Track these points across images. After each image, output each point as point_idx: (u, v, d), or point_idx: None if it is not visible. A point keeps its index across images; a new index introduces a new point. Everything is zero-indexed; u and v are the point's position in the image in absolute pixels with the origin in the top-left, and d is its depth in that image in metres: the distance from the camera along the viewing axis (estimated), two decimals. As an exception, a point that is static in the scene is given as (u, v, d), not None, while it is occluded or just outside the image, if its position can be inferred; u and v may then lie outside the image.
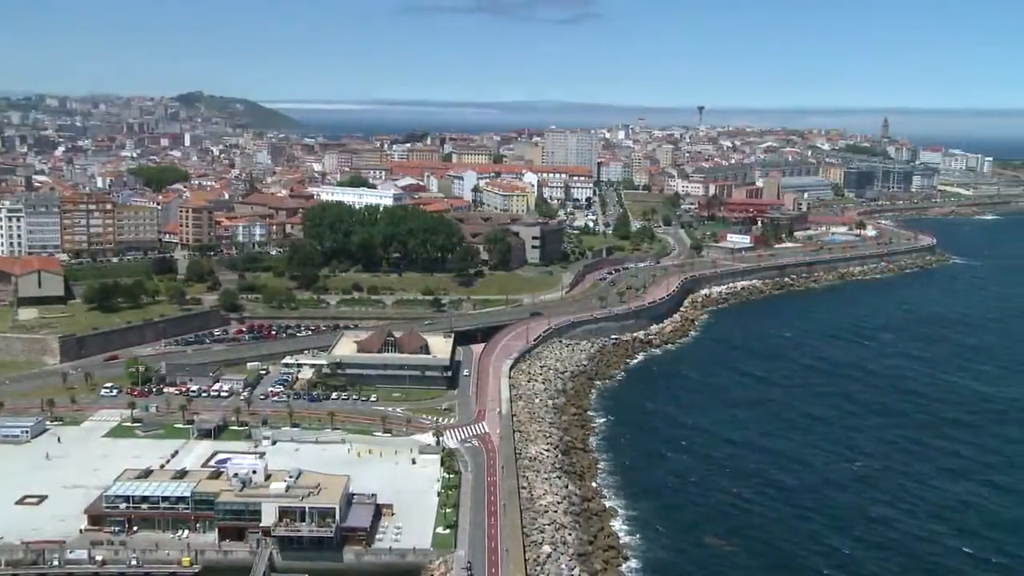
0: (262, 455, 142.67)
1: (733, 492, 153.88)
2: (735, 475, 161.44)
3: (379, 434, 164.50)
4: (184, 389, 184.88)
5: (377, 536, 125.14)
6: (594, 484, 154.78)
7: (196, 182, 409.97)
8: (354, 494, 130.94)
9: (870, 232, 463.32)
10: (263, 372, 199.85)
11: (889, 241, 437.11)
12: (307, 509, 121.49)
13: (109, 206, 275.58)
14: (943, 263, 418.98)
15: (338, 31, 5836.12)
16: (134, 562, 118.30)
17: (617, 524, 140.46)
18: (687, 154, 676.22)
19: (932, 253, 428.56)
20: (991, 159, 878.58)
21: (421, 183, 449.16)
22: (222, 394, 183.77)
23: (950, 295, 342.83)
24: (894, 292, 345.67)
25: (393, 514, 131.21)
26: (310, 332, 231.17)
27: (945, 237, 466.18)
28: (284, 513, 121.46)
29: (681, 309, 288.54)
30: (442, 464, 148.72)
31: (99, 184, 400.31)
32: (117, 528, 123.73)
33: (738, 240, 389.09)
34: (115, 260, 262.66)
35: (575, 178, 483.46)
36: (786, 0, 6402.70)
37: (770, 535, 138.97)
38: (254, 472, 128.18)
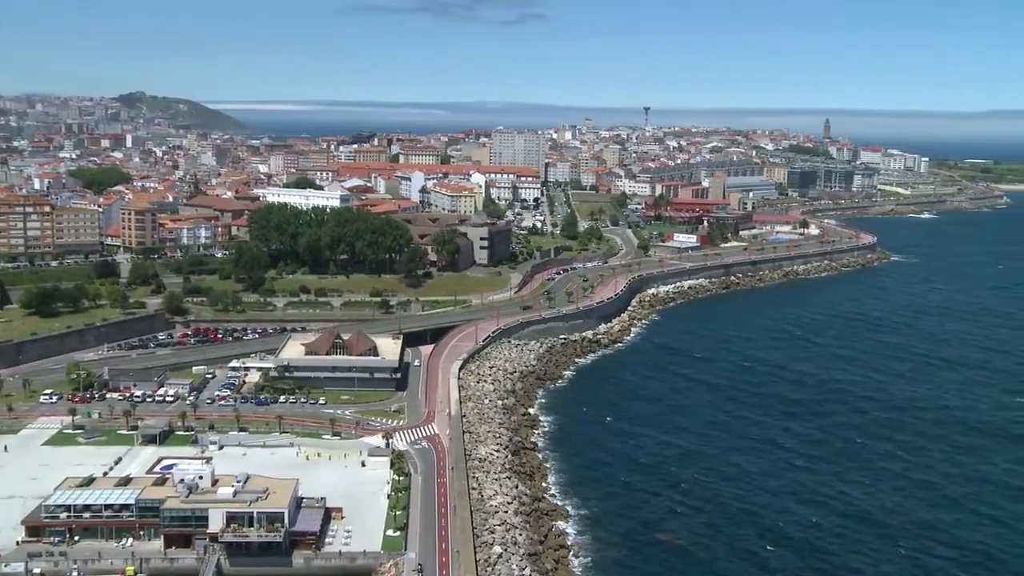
0: (209, 460, 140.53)
1: (679, 488, 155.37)
2: (680, 472, 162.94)
3: (328, 437, 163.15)
4: (128, 394, 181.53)
5: (327, 540, 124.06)
6: (544, 484, 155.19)
7: (139, 184, 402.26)
8: (303, 498, 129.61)
9: (813, 231, 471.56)
10: (209, 376, 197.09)
11: (832, 240, 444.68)
12: (255, 514, 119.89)
13: (47, 208, 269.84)
14: (884, 261, 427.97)
15: (280, 31, 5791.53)
16: (75, 573, 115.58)
17: (567, 523, 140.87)
18: (634, 154, 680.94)
19: (873, 251, 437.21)
20: (927, 159, 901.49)
21: (368, 184, 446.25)
22: (167, 399, 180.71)
23: (889, 293, 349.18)
24: (837, 290, 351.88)
25: (343, 517, 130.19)
26: (257, 335, 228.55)
27: (885, 235, 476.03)
28: (232, 518, 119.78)
29: (629, 309, 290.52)
30: (392, 466, 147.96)
31: (36, 186, 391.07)
32: (57, 539, 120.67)
33: (685, 240, 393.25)
34: (54, 264, 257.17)
35: (523, 178, 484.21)
36: (729, 3, 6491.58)
37: (716, 529, 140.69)
38: (201, 477, 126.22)
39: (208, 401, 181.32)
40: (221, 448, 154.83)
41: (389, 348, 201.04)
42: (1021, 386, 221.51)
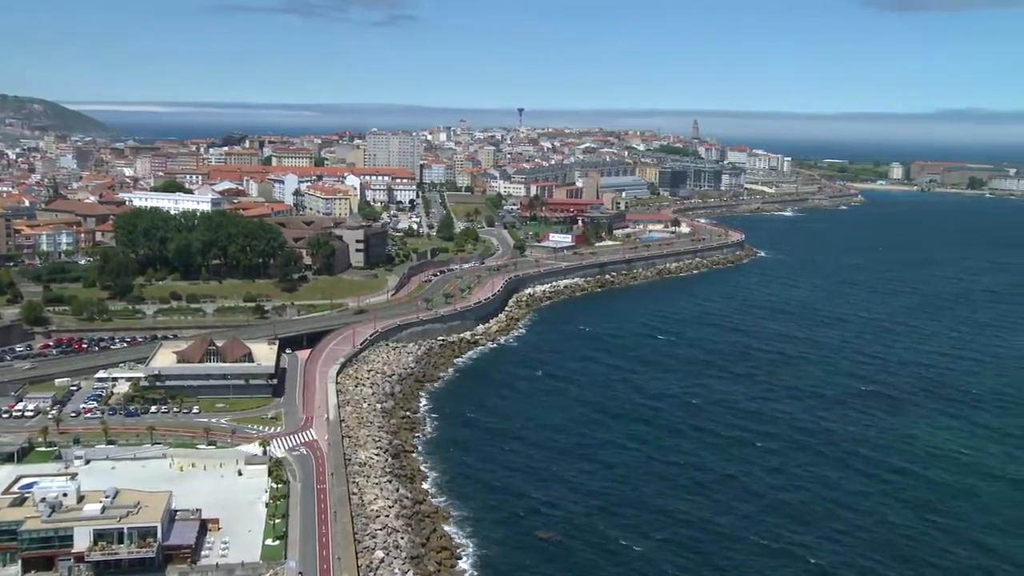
0: (74, 476, 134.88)
1: (557, 487, 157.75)
2: (558, 471, 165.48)
3: (203, 446, 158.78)
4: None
5: (203, 553, 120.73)
6: (425, 486, 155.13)
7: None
8: (177, 510, 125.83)
9: (685, 229, 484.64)
10: (74, 388, 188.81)
11: (702, 238, 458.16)
12: (125, 530, 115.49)
13: None
14: (751, 257, 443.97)
15: (142, 30, 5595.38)
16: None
17: (449, 525, 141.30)
18: (508, 155, 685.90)
19: (741, 248, 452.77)
20: (789, 159, 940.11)
21: (240, 187, 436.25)
22: (26, 414, 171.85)
23: (750, 291, 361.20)
24: (705, 288, 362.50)
25: (219, 528, 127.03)
26: (126, 344, 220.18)
27: (752, 233, 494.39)
28: (100, 536, 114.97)
29: (506, 309, 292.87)
30: (270, 474, 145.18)
31: None
32: None
33: (560, 239, 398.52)
34: None
35: (398, 180, 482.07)
36: (596, 5, 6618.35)
37: (593, 526, 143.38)
38: (65, 495, 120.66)
39: (73, 414, 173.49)
40: (88, 463, 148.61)
41: (265, 354, 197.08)
42: (850, 385, 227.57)
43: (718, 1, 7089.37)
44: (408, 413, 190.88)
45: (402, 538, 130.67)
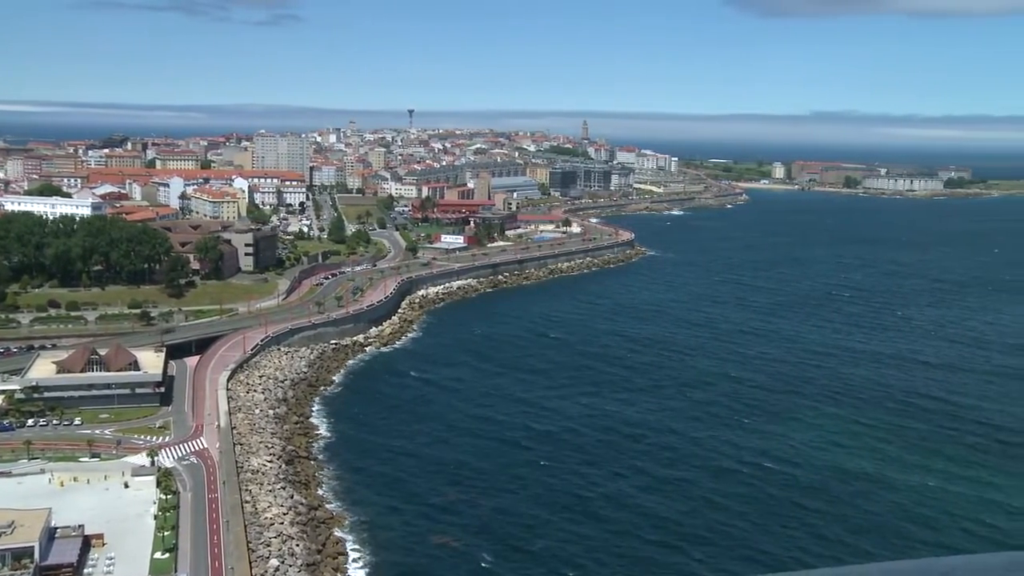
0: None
1: (452, 490, 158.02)
2: (451, 473, 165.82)
3: (86, 459, 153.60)
4: None
5: (86, 570, 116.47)
6: (320, 492, 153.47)
7: None
8: (57, 527, 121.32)
9: (576, 229, 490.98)
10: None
11: (593, 238, 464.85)
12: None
13: None
14: (640, 256, 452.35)
15: (7, 25, 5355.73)
16: None
17: (345, 530, 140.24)
18: (399, 157, 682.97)
19: (631, 247, 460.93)
20: (676, 159, 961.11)
21: (123, 191, 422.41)
22: None
23: (638, 288, 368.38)
24: (595, 286, 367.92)
25: (104, 544, 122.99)
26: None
27: (642, 232, 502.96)
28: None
29: (399, 311, 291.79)
30: (158, 485, 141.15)
31: None
32: None
33: (452, 241, 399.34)
34: None
35: (287, 183, 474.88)
36: (483, 7, 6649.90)
37: (487, 529, 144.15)
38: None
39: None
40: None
41: (151, 361, 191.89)
42: (724, 387, 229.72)
43: (602, 4, 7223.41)
44: (301, 418, 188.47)
45: (297, 545, 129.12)
